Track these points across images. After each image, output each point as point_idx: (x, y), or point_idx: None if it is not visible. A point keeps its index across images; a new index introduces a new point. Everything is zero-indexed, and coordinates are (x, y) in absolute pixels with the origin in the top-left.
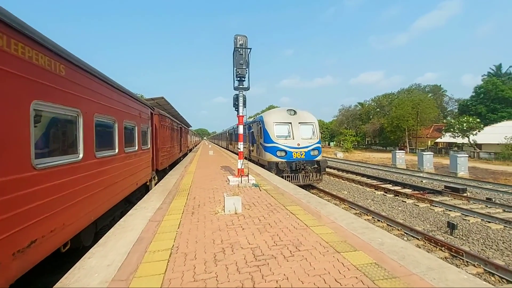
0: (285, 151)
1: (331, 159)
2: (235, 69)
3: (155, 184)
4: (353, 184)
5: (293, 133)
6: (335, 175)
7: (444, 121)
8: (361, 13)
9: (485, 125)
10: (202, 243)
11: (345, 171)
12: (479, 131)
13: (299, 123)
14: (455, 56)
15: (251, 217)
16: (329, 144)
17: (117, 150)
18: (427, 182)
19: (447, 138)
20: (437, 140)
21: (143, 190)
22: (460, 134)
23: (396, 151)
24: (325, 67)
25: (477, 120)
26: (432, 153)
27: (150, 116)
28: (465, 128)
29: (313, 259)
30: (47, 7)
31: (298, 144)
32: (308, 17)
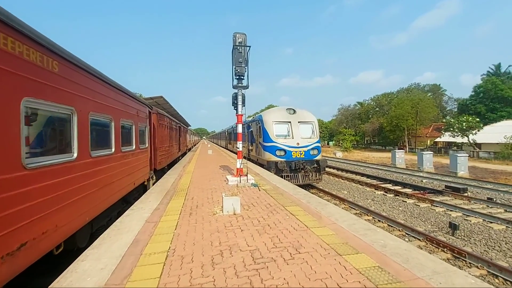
0: (284, 150)
1: (331, 158)
2: (234, 67)
3: (153, 183)
4: (353, 183)
5: (292, 132)
6: (334, 174)
7: (443, 120)
8: (361, 12)
9: (484, 125)
10: (199, 245)
11: (344, 170)
12: (478, 131)
13: (299, 122)
14: (454, 56)
15: (250, 218)
16: (328, 144)
17: (113, 149)
18: (427, 181)
19: (446, 137)
20: (437, 140)
21: (140, 190)
22: (459, 134)
23: (396, 150)
24: (325, 66)
25: (477, 119)
26: (432, 152)
27: (148, 115)
28: (464, 127)
29: (314, 262)
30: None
31: (298, 144)
32: (308, 16)
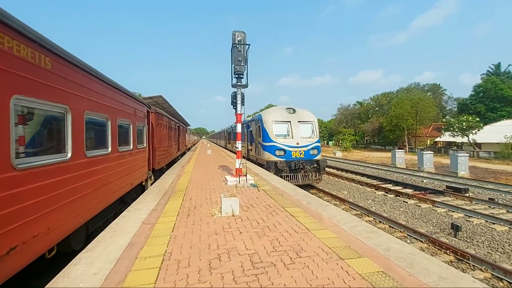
0: (284, 150)
1: (330, 158)
2: (233, 66)
3: (152, 184)
4: (353, 184)
5: (292, 132)
6: (334, 174)
7: (443, 120)
8: (360, 12)
9: (484, 124)
10: (197, 248)
11: (344, 170)
12: (478, 130)
13: (298, 121)
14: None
15: (249, 219)
16: (327, 143)
17: (110, 149)
18: (428, 182)
19: (446, 137)
20: (436, 139)
21: (138, 190)
22: (459, 133)
23: (396, 150)
24: (324, 66)
25: (477, 119)
26: (432, 152)
27: (147, 114)
28: (464, 127)
29: (315, 266)
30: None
31: (297, 143)
32: (307, 16)
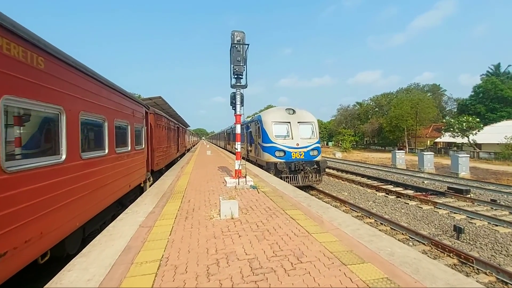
0: (284, 151)
1: (330, 159)
2: (232, 66)
3: (150, 185)
4: (353, 185)
5: (292, 133)
6: (334, 175)
7: (443, 120)
8: (360, 13)
9: (484, 125)
10: (194, 253)
11: (344, 171)
12: (478, 131)
13: (298, 122)
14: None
15: (248, 222)
16: (327, 144)
17: (107, 151)
18: (429, 183)
19: (446, 138)
20: (437, 140)
21: (137, 192)
22: (459, 134)
23: (396, 151)
24: (324, 67)
25: (477, 119)
26: (432, 153)
27: (145, 115)
28: (464, 127)
29: (317, 273)
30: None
31: (297, 144)
32: (307, 17)
